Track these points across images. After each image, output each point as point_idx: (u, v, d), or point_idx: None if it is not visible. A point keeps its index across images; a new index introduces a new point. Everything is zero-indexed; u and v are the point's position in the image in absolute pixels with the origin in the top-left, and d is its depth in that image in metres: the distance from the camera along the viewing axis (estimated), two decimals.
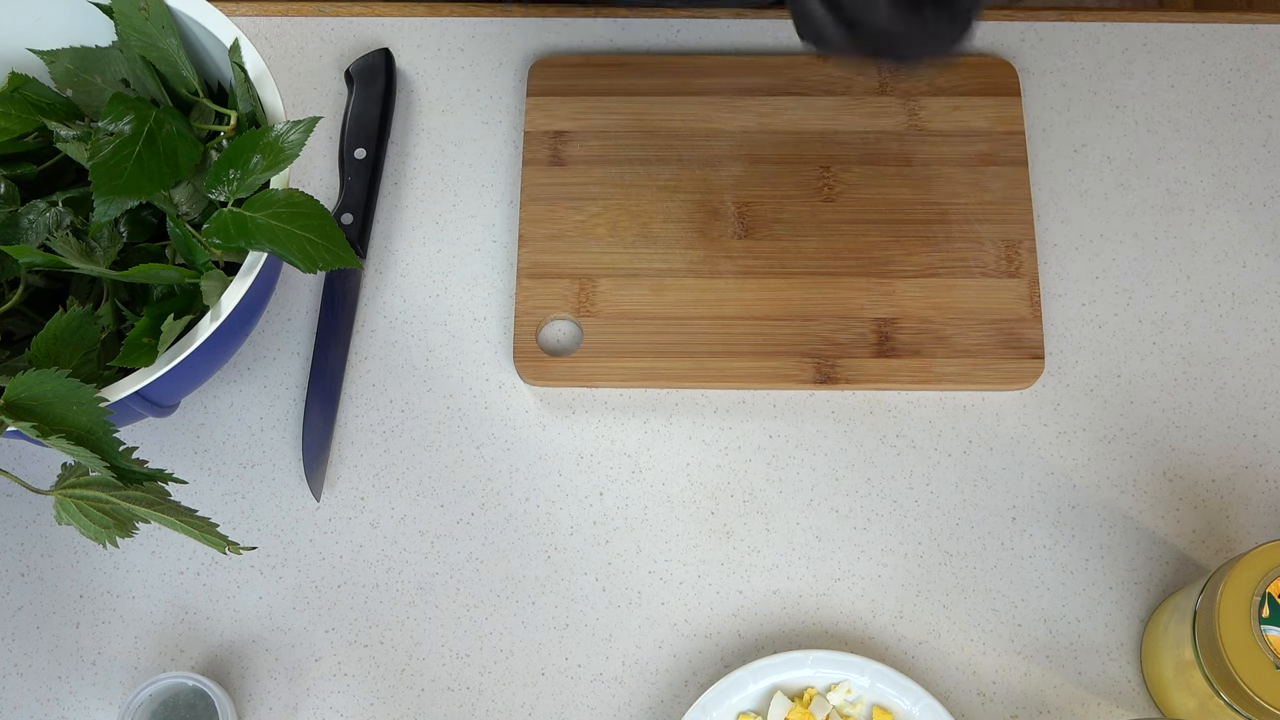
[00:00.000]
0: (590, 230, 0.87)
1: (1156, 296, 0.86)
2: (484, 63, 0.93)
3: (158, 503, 0.69)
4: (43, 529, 0.83)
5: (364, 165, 0.89)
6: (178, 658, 0.80)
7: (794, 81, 0.90)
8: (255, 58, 0.77)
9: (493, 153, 0.91)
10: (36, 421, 0.67)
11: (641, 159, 0.89)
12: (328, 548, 0.82)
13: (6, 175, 0.78)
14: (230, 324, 0.74)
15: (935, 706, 0.76)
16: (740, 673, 0.77)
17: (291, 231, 0.74)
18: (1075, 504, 0.82)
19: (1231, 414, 0.84)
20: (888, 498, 0.83)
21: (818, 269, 0.86)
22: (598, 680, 0.79)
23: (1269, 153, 0.90)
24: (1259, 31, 0.93)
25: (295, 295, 0.88)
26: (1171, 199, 0.89)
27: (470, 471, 0.84)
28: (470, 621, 0.81)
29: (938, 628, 0.80)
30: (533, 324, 0.85)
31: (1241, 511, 0.82)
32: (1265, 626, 0.66)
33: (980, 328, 0.84)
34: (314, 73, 0.93)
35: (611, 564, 0.82)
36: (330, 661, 0.80)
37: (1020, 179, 0.87)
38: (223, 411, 0.85)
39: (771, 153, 0.89)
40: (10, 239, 0.76)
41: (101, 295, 0.78)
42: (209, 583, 0.82)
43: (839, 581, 0.81)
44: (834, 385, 0.83)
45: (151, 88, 0.78)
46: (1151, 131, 0.90)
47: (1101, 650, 0.79)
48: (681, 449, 0.84)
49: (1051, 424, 0.84)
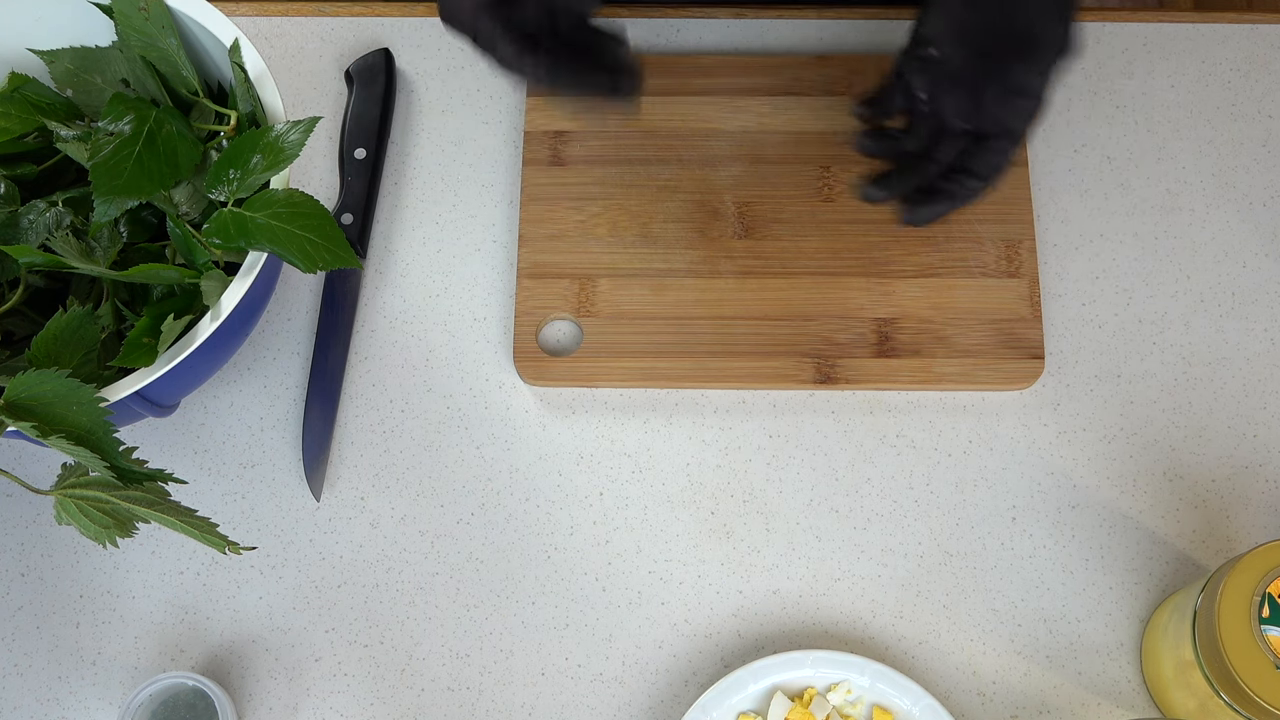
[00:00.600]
0: (590, 230, 0.87)
1: (1156, 296, 0.86)
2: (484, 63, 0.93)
3: (158, 503, 0.69)
4: (43, 529, 0.83)
5: (364, 165, 0.89)
6: (178, 658, 0.80)
7: (794, 81, 0.90)
8: (255, 58, 0.77)
9: (493, 153, 0.91)
10: (36, 421, 0.67)
11: (641, 159, 0.89)
12: (328, 548, 0.82)
13: (6, 175, 0.78)
14: (230, 324, 0.74)
15: (935, 706, 0.76)
16: (740, 673, 0.77)
17: (291, 231, 0.74)
18: (1075, 504, 0.82)
19: (1231, 414, 0.84)
20: (888, 498, 0.83)
21: (818, 269, 0.86)
22: (598, 680, 0.79)
23: (1269, 153, 0.90)
24: (1259, 31, 0.93)
25: (295, 295, 0.88)
26: (1171, 199, 0.89)
27: (470, 471, 0.84)
28: (470, 621, 0.81)
29: (937, 628, 0.80)
30: (533, 324, 0.85)
31: (1241, 511, 0.82)
32: (1265, 626, 0.66)
33: (980, 328, 0.84)
34: (314, 73, 0.93)
35: (611, 564, 0.82)
36: (330, 661, 0.80)
37: (1020, 179, 0.87)
38: (223, 411, 0.85)
39: (771, 153, 0.89)
40: (10, 239, 0.76)
41: (101, 295, 0.78)
42: (209, 583, 0.82)
43: (839, 581, 0.81)
44: (834, 385, 0.83)
45: (151, 88, 0.78)
46: (1151, 131, 0.90)
47: (1101, 650, 0.79)
48: (681, 449, 0.84)
49: (1051, 424, 0.84)
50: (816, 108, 0.90)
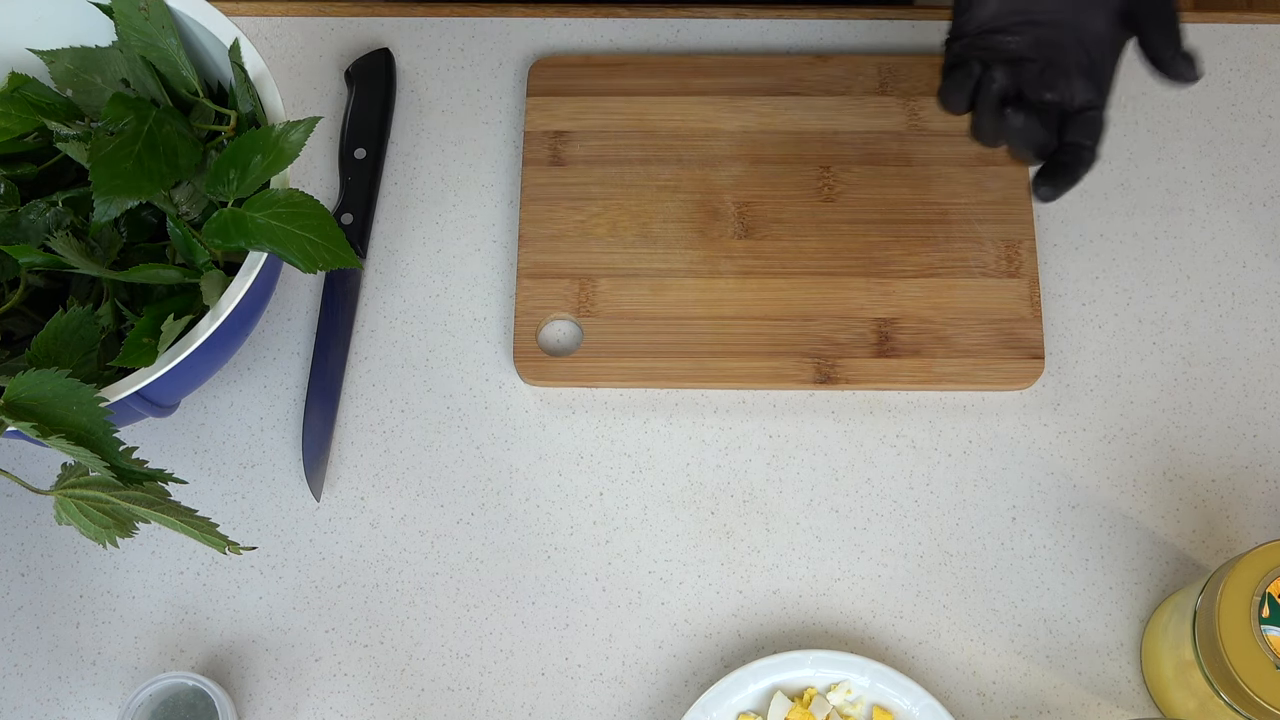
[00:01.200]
0: (590, 230, 0.87)
1: (1156, 296, 0.86)
2: (484, 63, 0.93)
3: (158, 503, 0.69)
4: (43, 529, 0.83)
5: (364, 165, 0.89)
6: (178, 658, 0.80)
7: (794, 81, 0.90)
8: (255, 58, 0.77)
9: (493, 153, 0.91)
10: (36, 421, 0.67)
11: (641, 159, 0.89)
12: (328, 548, 0.82)
13: (6, 175, 0.78)
14: (230, 324, 0.74)
15: (935, 706, 0.76)
16: (740, 673, 0.77)
17: (291, 231, 0.74)
18: (1075, 504, 0.82)
19: (1231, 414, 0.84)
20: (888, 498, 0.83)
21: (818, 269, 0.86)
22: (598, 680, 0.79)
23: (1269, 153, 0.90)
24: (1259, 31, 0.93)
25: (295, 295, 0.88)
26: (1171, 199, 0.89)
27: (470, 471, 0.84)
28: (470, 621, 0.81)
29: (938, 628, 0.80)
30: (533, 324, 0.85)
31: (1241, 511, 0.82)
32: (1265, 626, 0.66)
33: (980, 328, 0.84)
34: (314, 73, 0.93)
35: (611, 564, 0.82)
36: (330, 661, 0.80)
37: (1020, 179, 0.87)
38: (223, 411, 0.85)
39: (771, 153, 0.89)
40: (10, 239, 0.76)
41: (101, 295, 0.78)
42: (209, 583, 0.82)
43: (839, 581, 0.81)
44: (834, 385, 0.83)
45: (151, 88, 0.78)
46: (1151, 131, 0.90)
47: (1101, 650, 0.79)
48: (681, 449, 0.84)
49: (1051, 424, 0.84)
50: (816, 108, 0.90)
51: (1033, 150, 0.72)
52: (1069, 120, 0.72)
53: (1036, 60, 0.72)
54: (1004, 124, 0.71)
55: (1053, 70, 0.72)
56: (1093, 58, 0.72)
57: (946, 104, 0.73)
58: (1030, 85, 0.72)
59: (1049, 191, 0.72)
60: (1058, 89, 0.72)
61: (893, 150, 0.88)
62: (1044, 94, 0.72)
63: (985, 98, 0.71)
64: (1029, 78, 0.72)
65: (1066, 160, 0.72)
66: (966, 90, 0.72)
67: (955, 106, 0.73)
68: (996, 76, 0.71)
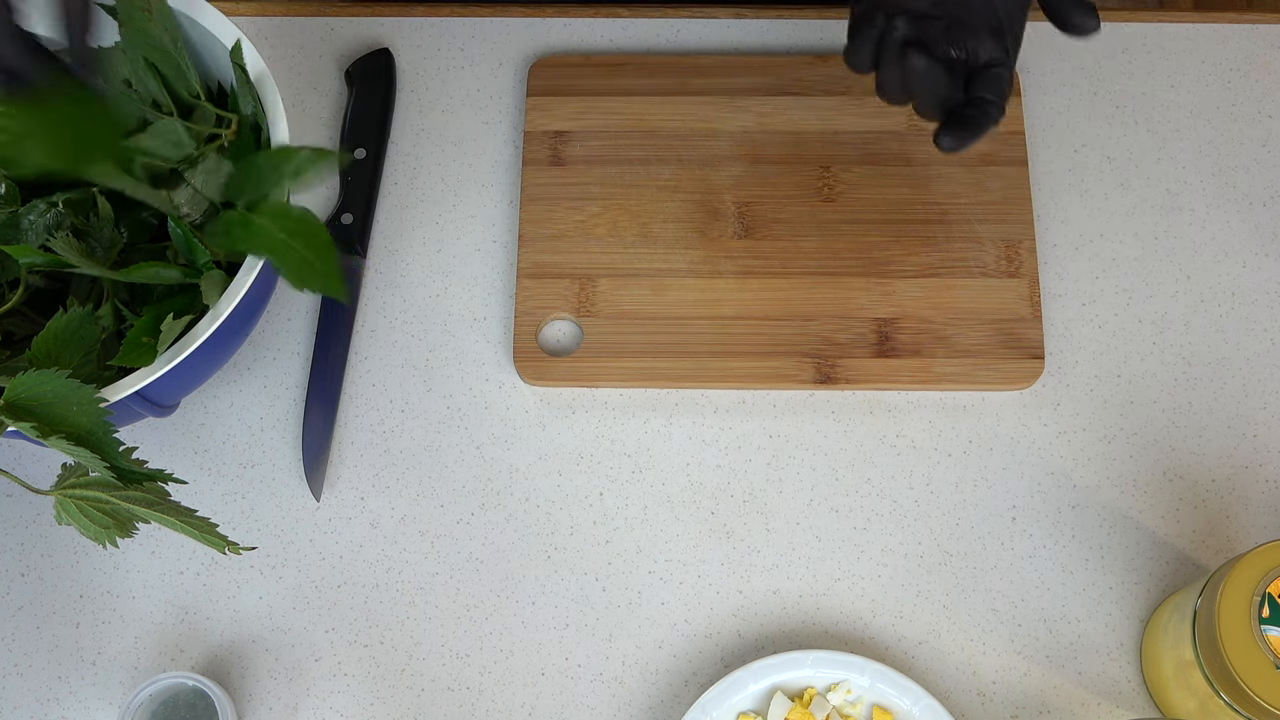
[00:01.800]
0: (590, 230, 0.87)
1: (1156, 296, 0.86)
2: (484, 63, 0.93)
3: (158, 503, 0.69)
4: (43, 529, 0.83)
5: (364, 165, 0.89)
6: (178, 658, 0.80)
7: (794, 81, 0.90)
8: (256, 59, 0.77)
9: (493, 153, 0.91)
10: (36, 421, 0.67)
11: (641, 159, 0.89)
12: (328, 548, 0.82)
13: (6, 175, 0.78)
14: (230, 324, 0.74)
15: (935, 706, 0.76)
16: (740, 673, 0.77)
17: (290, 245, 0.73)
18: (1075, 504, 0.82)
19: (1231, 414, 0.84)
20: (888, 498, 0.83)
21: (818, 269, 0.86)
22: (598, 680, 0.80)
23: (1269, 153, 0.90)
24: (1259, 31, 0.93)
25: (295, 295, 0.88)
26: (1171, 199, 0.89)
27: (470, 471, 0.84)
28: (470, 621, 0.81)
29: (938, 628, 0.80)
30: (533, 324, 0.85)
31: (1241, 511, 0.82)
32: (1265, 626, 0.66)
33: (980, 328, 0.84)
34: (314, 73, 0.93)
35: (611, 564, 0.82)
36: (330, 661, 0.80)
37: (1020, 179, 0.87)
38: (223, 411, 0.85)
39: (771, 153, 0.89)
40: (10, 239, 0.76)
41: (101, 295, 0.78)
42: (209, 583, 0.82)
43: (839, 581, 0.81)
44: (834, 385, 0.83)
45: (153, 88, 0.78)
46: (1151, 131, 0.90)
47: (1101, 650, 0.79)
48: (681, 449, 0.84)
49: (1051, 424, 0.84)
50: (816, 108, 0.90)
51: (937, 104, 0.72)
52: (975, 76, 0.72)
53: (941, 18, 0.71)
54: (907, 69, 0.70)
55: (959, 27, 0.71)
56: (1000, 16, 0.72)
57: (853, 63, 0.73)
58: (935, 42, 0.71)
59: (951, 142, 0.71)
60: (963, 45, 0.71)
61: (893, 150, 0.88)
62: (949, 50, 0.71)
63: (888, 46, 0.71)
64: (934, 34, 0.71)
65: (972, 114, 0.71)
66: (871, 43, 0.72)
67: (861, 65, 0.73)
68: (899, 25, 0.70)
